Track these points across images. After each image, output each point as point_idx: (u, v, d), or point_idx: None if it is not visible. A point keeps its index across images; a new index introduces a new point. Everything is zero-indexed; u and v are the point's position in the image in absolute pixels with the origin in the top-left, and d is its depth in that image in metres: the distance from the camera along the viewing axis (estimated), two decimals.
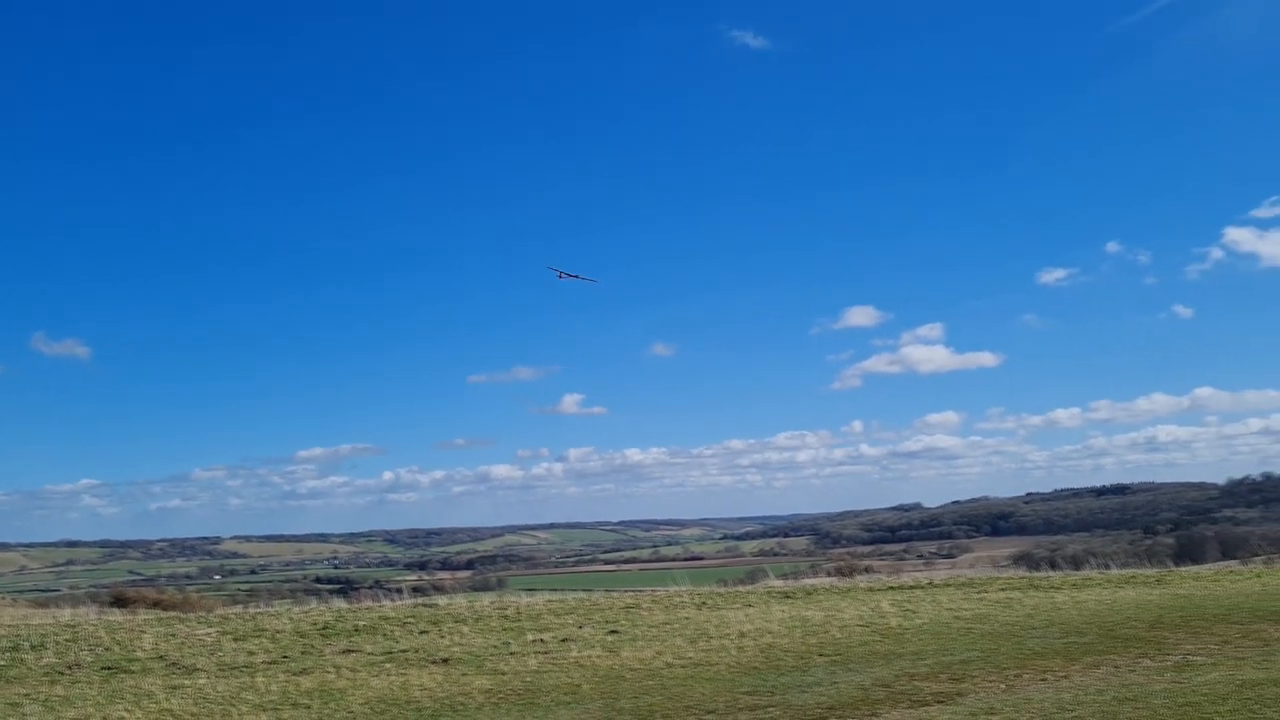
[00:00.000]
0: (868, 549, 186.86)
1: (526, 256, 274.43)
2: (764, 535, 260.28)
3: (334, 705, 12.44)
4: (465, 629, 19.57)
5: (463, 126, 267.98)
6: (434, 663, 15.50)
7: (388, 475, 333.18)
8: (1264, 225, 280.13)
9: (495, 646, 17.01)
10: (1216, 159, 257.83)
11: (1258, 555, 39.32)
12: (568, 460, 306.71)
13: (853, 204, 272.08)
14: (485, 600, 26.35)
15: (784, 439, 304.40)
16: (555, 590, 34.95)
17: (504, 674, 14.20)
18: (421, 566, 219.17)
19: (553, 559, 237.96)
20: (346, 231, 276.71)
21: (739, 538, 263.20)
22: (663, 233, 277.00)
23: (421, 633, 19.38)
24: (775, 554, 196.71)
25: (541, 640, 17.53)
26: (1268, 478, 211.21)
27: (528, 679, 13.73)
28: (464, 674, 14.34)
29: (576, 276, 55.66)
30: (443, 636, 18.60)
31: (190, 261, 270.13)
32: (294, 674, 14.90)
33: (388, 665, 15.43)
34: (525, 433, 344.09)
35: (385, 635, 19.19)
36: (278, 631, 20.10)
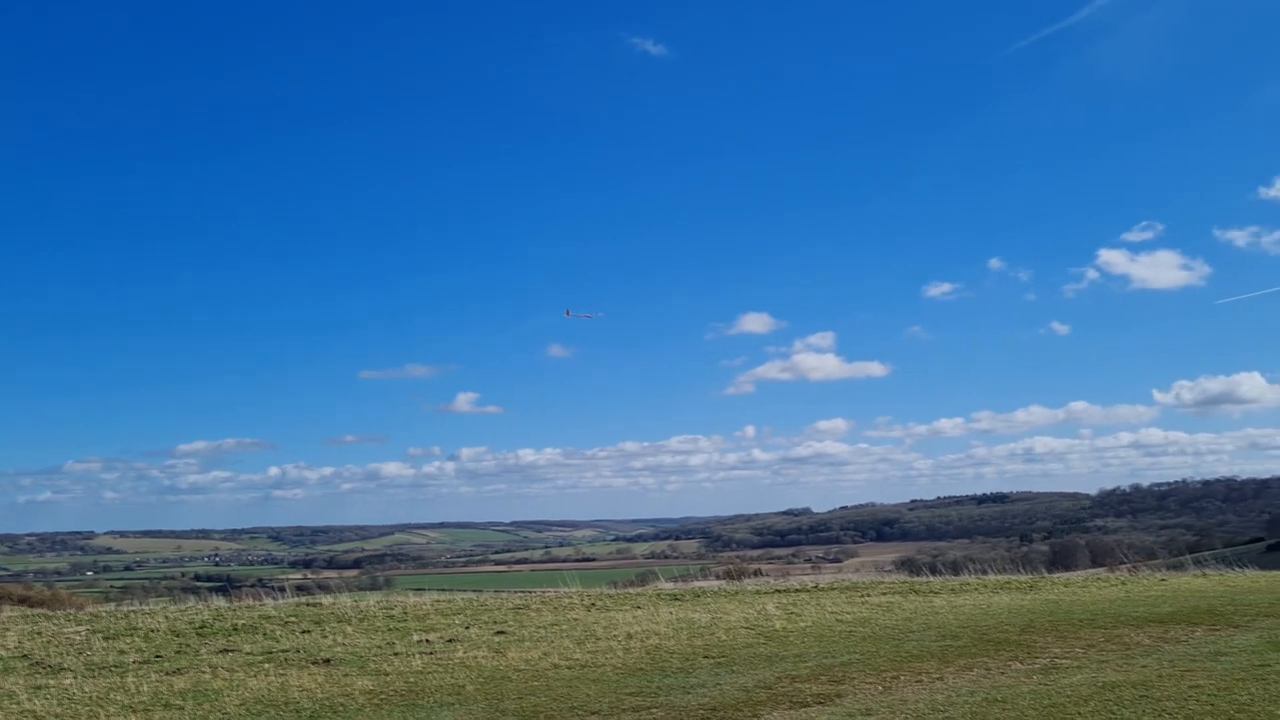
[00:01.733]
0: (757, 552, 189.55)
1: (422, 252, 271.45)
2: (656, 537, 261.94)
3: (208, 706, 12.09)
4: (349, 629, 19.22)
5: (359, 121, 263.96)
6: (315, 663, 15.17)
7: (274, 471, 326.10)
8: (1135, 248, 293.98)
9: (379, 647, 16.75)
10: (1093, 184, 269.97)
11: (1124, 563, 41.11)
12: (460, 459, 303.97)
13: (748, 213, 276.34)
14: (371, 600, 25.90)
15: (677, 442, 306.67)
16: (444, 590, 34.53)
17: (387, 675, 13.98)
18: (307, 565, 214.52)
19: (443, 559, 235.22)
20: (235, 219, 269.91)
21: (631, 539, 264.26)
22: (561, 235, 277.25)
23: (303, 632, 18.97)
24: (666, 556, 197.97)
25: (427, 641, 17.32)
26: (1136, 489, 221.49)
27: (411, 680, 13.55)
28: (346, 674, 14.08)
29: (586, 315, 58.68)
30: (325, 636, 18.24)
31: (66, 245, 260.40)
32: (167, 674, 14.43)
33: (266, 665, 15.05)
34: (417, 431, 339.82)
35: (265, 635, 18.73)
36: (152, 630, 19.45)
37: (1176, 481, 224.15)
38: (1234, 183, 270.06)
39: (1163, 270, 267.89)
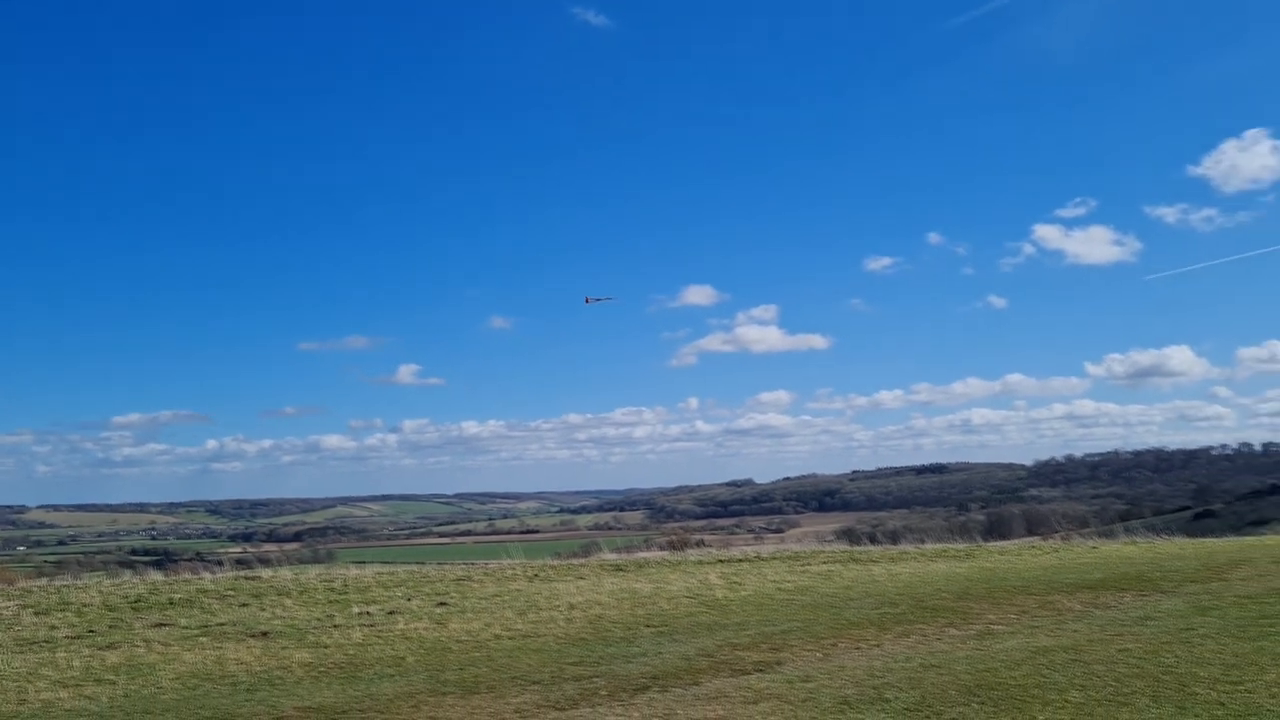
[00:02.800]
0: (701, 523, 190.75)
1: (359, 222, 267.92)
2: (600, 509, 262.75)
3: (141, 680, 11.90)
4: (288, 601, 19.01)
5: (295, 94, 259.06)
6: (252, 636, 14.99)
7: (211, 444, 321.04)
8: (1069, 224, 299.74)
9: (319, 619, 16.59)
10: (1028, 160, 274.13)
11: (1057, 532, 42.03)
12: (402, 431, 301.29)
13: (690, 185, 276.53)
14: (311, 573, 25.63)
15: (621, 414, 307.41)
16: (386, 563, 34.26)
17: (326, 647, 13.86)
18: (247, 538, 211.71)
19: (385, 531, 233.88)
20: (172, 190, 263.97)
21: (575, 511, 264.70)
22: (501, 207, 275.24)
23: (241, 605, 18.73)
24: (610, 528, 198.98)
25: (367, 613, 17.19)
26: (1069, 459, 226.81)
27: (351, 652, 13.45)
28: (284, 647, 13.93)
29: (602, 299, 58.70)
30: (264, 609, 18.02)
31: None
32: (99, 649, 14.17)
33: (203, 639, 14.84)
34: (358, 402, 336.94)
35: (202, 608, 18.46)
36: (85, 605, 19.07)
37: (1108, 452, 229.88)
38: (1164, 161, 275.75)
39: (1095, 246, 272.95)
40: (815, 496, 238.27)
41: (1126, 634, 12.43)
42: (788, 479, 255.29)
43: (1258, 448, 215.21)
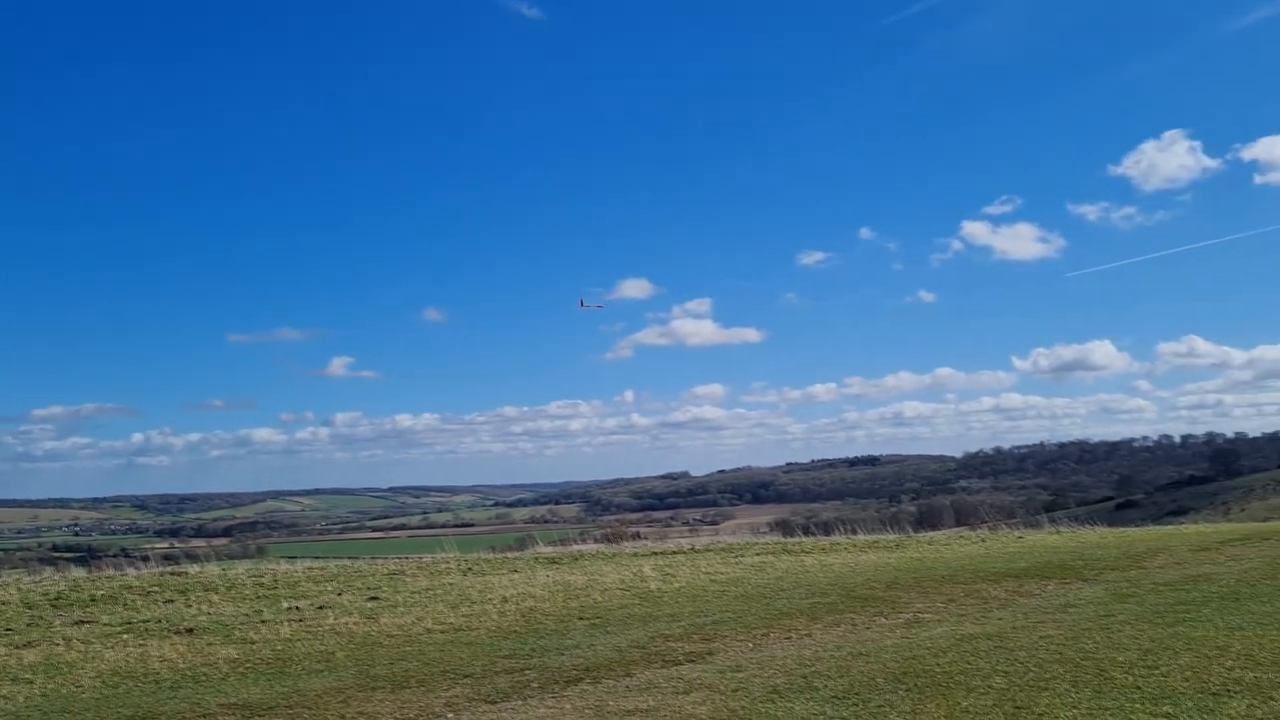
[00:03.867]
0: (637, 515, 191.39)
1: (291, 213, 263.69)
2: (535, 502, 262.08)
3: (61, 679, 11.59)
4: (215, 597, 18.67)
5: (219, 77, 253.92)
6: (177, 633, 14.68)
7: (137, 437, 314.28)
8: (996, 221, 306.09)
9: (246, 615, 16.32)
10: (956, 158, 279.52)
11: (985, 522, 42.84)
12: (335, 425, 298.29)
13: (626, 180, 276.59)
14: (240, 568, 25.22)
15: (557, 407, 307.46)
16: (318, 558, 33.70)
17: (253, 643, 13.64)
18: (174, 534, 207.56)
19: (317, 526, 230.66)
20: (97, 175, 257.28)
21: (510, 505, 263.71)
22: (435, 196, 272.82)
23: (167, 602, 18.35)
24: (546, 521, 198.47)
25: (297, 608, 16.94)
26: (998, 451, 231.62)
27: (279, 648, 13.25)
28: (209, 644, 13.67)
29: (594, 306, 59.22)
30: (190, 605, 17.68)
31: None
32: (16, 647, 13.78)
33: (125, 636, 14.51)
34: (289, 395, 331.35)
35: (125, 605, 18.06)
36: (2, 603, 18.55)
37: (1035, 444, 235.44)
38: (1086, 160, 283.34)
39: (1022, 242, 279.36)
40: (750, 489, 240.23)
41: (1049, 621, 12.72)
42: (723, 471, 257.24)
43: (1177, 440, 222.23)
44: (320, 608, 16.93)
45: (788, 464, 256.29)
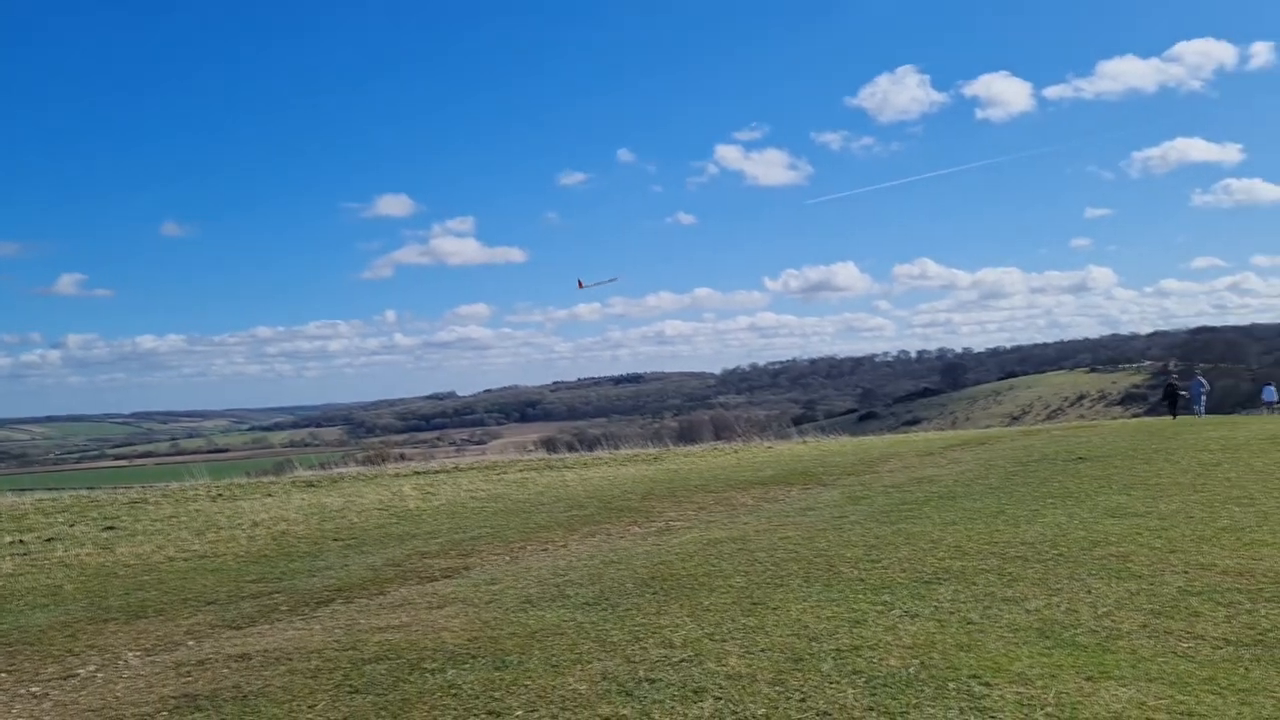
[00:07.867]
0: (402, 437, 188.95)
1: (16, 118, 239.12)
2: (295, 426, 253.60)
3: None
4: None
5: None
6: None
7: None
8: (747, 146, 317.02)
9: None
10: (710, 84, 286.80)
11: (740, 435, 44.88)
12: (66, 347, 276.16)
13: (385, 92, 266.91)
14: None
15: (315, 328, 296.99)
16: (51, 489, 31.33)
17: None
18: None
19: (51, 456, 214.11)
20: None
21: (268, 429, 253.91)
22: (183, 103, 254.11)
23: None
24: (307, 445, 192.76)
25: (21, 542, 15.74)
26: (754, 368, 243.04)
27: (0, 584, 12.30)
28: None
29: (601, 282, 55.60)
30: None
31: None
32: None
33: None
34: (12, 315, 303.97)
35: None
36: None
37: (787, 361, 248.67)
38: (826, 90, 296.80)
39: (772, 168, 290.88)
40: (517, 408, 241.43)
41: (789, 524, 13.53)
42: (490, 391, 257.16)
43: (913, 355, 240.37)
44: (48, 540, 15.80)
45: (555, 383, 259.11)
